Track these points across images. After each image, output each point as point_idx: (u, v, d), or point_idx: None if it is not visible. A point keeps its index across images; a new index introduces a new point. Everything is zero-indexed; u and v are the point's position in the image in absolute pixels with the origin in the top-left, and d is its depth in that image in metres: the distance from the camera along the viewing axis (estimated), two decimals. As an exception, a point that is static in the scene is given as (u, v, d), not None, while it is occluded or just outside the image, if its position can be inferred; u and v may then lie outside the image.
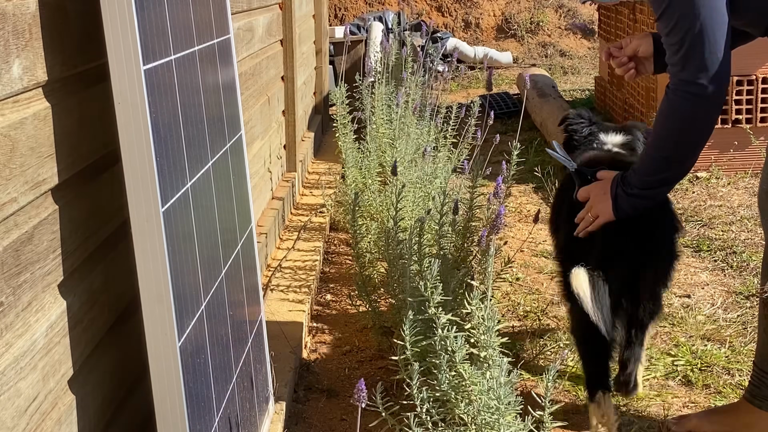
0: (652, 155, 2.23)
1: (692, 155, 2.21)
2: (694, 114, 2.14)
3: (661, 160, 2.21)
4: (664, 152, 2.20)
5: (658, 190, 2.25)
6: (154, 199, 1.52)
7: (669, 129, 2.18)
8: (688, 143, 2.18)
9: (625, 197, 2.24)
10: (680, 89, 2.12)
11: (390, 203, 3.49)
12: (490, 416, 2.00)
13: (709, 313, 3.29)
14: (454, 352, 2.04)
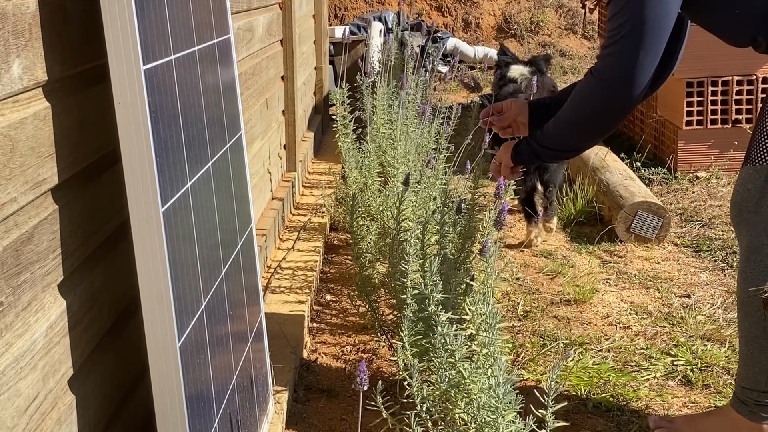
0: (558, 123, 2.29)
1: (589, 139, 2.32)
2: (602, 102, 2.19)
3: (562, 131, 2.30)
4: (567, 127, 2.28)
5: (552, 152, 2.35)
6: (154, 199, 1.52)
7: (577, 109, 2.24)
8: (588, 129, 2.26)
9: (527, 148, 2.36)
10: (600, 75, 2.16)
11: (390, 203, 3.48)
12: (489, 415, 2.00)
13: (709, 313, 3.29)
14: (454, 350, 2.04)
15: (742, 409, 2.28)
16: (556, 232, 4.30)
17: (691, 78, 4.90)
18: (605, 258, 3.94)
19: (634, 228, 4.05)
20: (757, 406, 2.26)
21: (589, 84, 2.21)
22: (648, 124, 5.47)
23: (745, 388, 2.27)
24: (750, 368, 2.25)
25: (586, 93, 2.22)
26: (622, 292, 3.53)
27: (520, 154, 2.39)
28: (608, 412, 2.60)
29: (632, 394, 2.70)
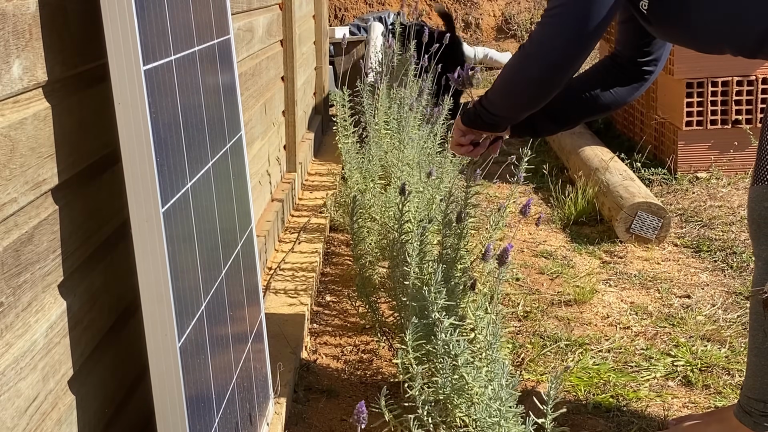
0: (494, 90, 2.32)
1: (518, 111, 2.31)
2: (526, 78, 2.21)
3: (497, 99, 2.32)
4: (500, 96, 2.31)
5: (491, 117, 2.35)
6: (154, 199, 1.52)
7: (507, 80, 2.28)
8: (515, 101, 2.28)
9: (474, 108, 2.38)
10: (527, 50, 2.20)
11: (392, 205, 3.48)
12: (491, 420, 2.00)
13: (709, 313, 3.29)
14: (457, 355, 2.04)
15: (746, 420, 2.27)
16: (556, 233, 4.30)
17: (691, 78, 4.90)
18: (605, 258, 3.94)
19: (634, 228, 4.05)
20: (762, 417, 2.23)
21: (519, 57, 2.23)
22: (648, 125, 5.47)
23: (752, 398, 2.25)
24: (757, 380, 2.24)
25: (516, 65, 2.25)
26: (622, 293, 3.53)
27: (467, 113, 2.41)
28: (608, 413, 2.60)
29: (632, 394, 2.70)
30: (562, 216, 4.45)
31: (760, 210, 2.22)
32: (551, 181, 4.77)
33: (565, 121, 2.53)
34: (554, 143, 5.70)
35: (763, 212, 2.22)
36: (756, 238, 2.26)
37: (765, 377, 2.23)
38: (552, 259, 3.92)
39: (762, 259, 2.24)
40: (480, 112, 2.37)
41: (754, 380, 2.25)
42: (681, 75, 4.88)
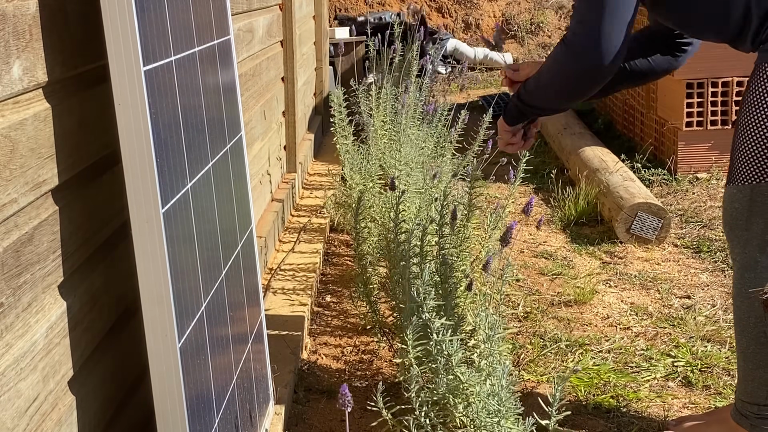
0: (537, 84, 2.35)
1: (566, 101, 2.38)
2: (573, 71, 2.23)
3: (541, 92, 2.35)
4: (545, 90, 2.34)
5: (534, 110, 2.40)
6: (154, 200, 1.52)
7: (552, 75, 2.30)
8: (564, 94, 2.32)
9: (513, 103, 2.42)
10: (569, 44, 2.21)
11: (391, 205, 3.48)
12: (489, 420, 2.00)
13: (709, 314, 3.29)
14: (450, 355, 2.04)
15: (743, 422, 2.28)
16: (557, 233, 4.30)
17: (691, 79, 4.90)
18: (605, 259, 3.94)
19: (635, 229, 4.05)
20: (758, 419, 2.25)
21: (561, 52, 2.24)
22: (648, 126, 5.47)
23: (745, 401, 2.27)
24: (748, 383, 2.25)
25: (559, 60, 2.26)
26: (623, 293, 3.53)
27: (508, 112, 2.44)
28: (608, 413, 2.60)
29: (632, 395, 2.70)
30: (562, 216, 4.45)
31: (731, 211, 2.23)
32: (551, 181, 4.77)
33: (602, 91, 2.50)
34: (554, 144, 5.70)
35: (734, 213, 2.23)
36: (729, 240, 2.27)
37: (753, 381, 2.24)
38: (552, 260, 3.92)
39: (737, 263, 2.25)
40: (523, 110, 2.40)
41: (745, 384, 2.27)
42: (681, 75, 4.88)
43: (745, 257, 2.21)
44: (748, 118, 2.18)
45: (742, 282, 2.23)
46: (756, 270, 2.19)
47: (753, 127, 2.17)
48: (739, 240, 2.23)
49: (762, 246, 2.18)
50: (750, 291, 2.22)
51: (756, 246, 2.18)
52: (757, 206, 2.17)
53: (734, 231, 2.24)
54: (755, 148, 2.17)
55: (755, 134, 2.17)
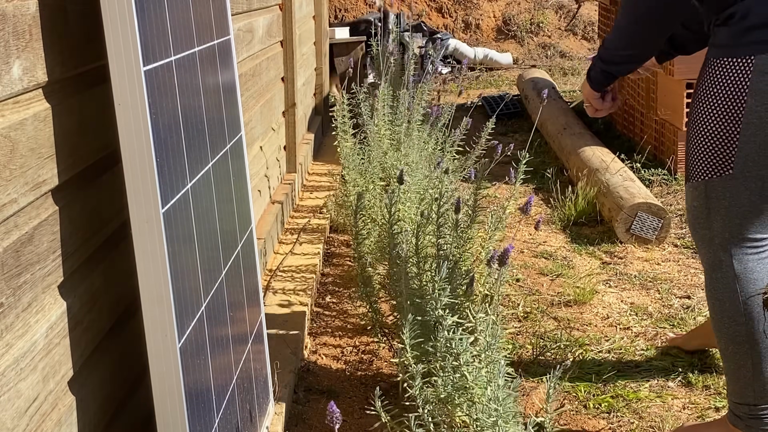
0: (613, 32, 2.33)
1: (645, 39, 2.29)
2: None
3: (619, 39, 2.32)
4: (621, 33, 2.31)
5: (617, 66, 2.38)
6: (154, 200, 1.52)
7: (626, 10, 2.26)
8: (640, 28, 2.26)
9: (597, 67, 2.40)
10: None
11: (393, 201, 3.48)
12: (490, 420, 2.00)
13: (709, 314, 3.29)
14: (459, 354, 2.04)
15: (739, 424, 2.27)
16: (557, 233, 4.30)
17: (691, 79, 4.90)
18: (605, 259, 3.94)
19: (634, 229, 4.05)
20: (752, 419, 2.25)
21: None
22: (648, 126, 5.47)
23: (736, 402, 2.27)
24: (735, 384, 2.26)
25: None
26: (623, 293, 3.53)
27: (594, 78, 2.43)
28: (608, 413, 2.60)
29: (632, 395, 2.70)
30: (562, 217, 4.45)
31: (692, 210, 2.25)
32: (551, 181, 4.77)
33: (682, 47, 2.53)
34: (554, 144, 5.71)
35: (694, 212, 2.24)
36: (695, 241, 2.29)
37: (738, 381, 2.24)
38: (552, 260, 3.92)
39: (705, 264, 2.27)
40: (608, 68, 2.38)
41: (732, 385, 2.27)
42: (681, 75, 4.88)
43: (711, 257, 2.22)
44: (698, 115, 2.19)
45: (711, 283, 2.24)
46: (722, 269, 2.20)
47: (702, 123, 2.18)
48: (703, 240, 2.23)
49: (723, 245, 2.18)
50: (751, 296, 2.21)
51: (718, 245, 2.19)
52: (713, 202, 2.17)
53: (698, 231, 2.25)
54: (705, 144, 2.17)
55: (704, 130, 2.17)
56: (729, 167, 2.13)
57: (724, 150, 2.13)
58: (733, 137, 2.11)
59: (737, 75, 2.10)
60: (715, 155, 2.15)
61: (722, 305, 2.21)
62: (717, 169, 2.15)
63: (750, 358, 2.20)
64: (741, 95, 2.09)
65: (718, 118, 2.13)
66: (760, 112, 2.07)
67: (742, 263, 2.18)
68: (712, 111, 2.15)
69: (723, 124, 2.13)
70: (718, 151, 2.14)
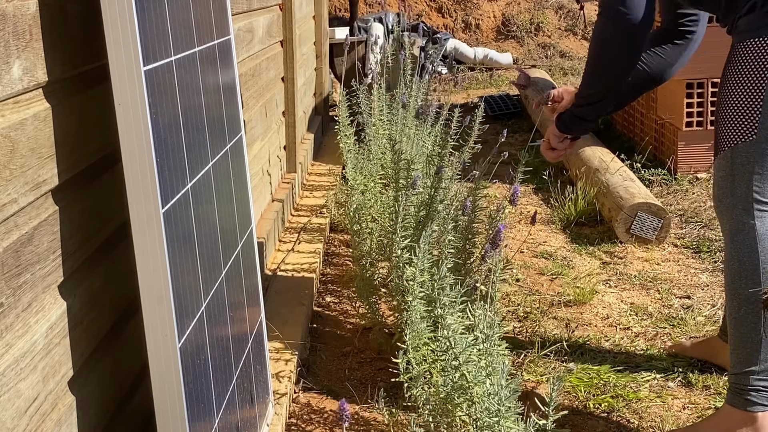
0: (583, 75, 2.60)
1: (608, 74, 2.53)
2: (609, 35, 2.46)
3: (586, 79, 2.58)
4: (588, 71, 2.57)
5: (586, 107, 2.61)
6: (154, 200, 1.52)
7: (592, 47, 2.54)
8: (604, 63, 2.51)
9: (567, 113, 2.67)
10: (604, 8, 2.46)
11: (392, 205, 3.48)
12: (491, 419, 2.00)
13: (709, 314, 3.29)
14: (458, 355, 2.03)
15: (737, 401, 2.31)
16: (556, 233, 4.30)
17: (691, 79, 4.90)
18: (605, 259, 3.94)
19: (634, 229, 4.05)
20: (753, 392, 2.29)
21: (597, 24, 2.49)
22: (648, 126, 5.47)
23: (738, 374, 2.32)
24: (742, 350, 2.32)
25: (596, 32, 2.50)
26: (622, 293, 3.53)
27: (563, 120, 2.67)
28: (608, 414, 2.60)
29: (632, 395, 2.70)
30: (562, 217, 4.45)
31: (718, 180, 2.42)
32: (551, 181, 4.77)
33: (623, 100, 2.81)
34: (554, 144, 5.70)
35: (719, 182, 2.41)
36: (719, 213, 2.45)
37: (746, 345, 2.31)
38: (552, 260, 3.92)
39: (727, 229, 2.40)
40: (577, 112, 2.63)
41: (737, 354, 2.34)
42: (681, 75, 4.86)
43: (734, 221, 2.36)
44: (725, 92, 2.41)
45: (733, 245, 2.35)
46: (744, 231, 2.33)
47: (729, 98, 2.39)
48: (726, 208, 2.38)
49: (747, 208, 2.33)
50: (750, 291, 2.30)
51: (742, 209, 2.34)
52: (738, 168, 2.34)
53: (722, 201, 2.39)
54: (731, 115, 2.37)
55: (731, 104, 2.38)
56: (753, 133, 2.31)
57: (748, 118, 2.32)
58: (757, 106, 2.31)
59: (761, 53, 2.32)
60: (740, 124, 2.34)
61: (742, 265, 2.32)
62: (742, 136, 2.33)
63: (762, 319, 2.28)
64: (764, 70, 2.31)
65: (743, 91, 2.35)
66: None
67: (764, 224, 2.31)
68: (737, 86, 2.36)
69: (747, 96, 2.34)
70: (743, 119, 2.33)
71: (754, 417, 2.28)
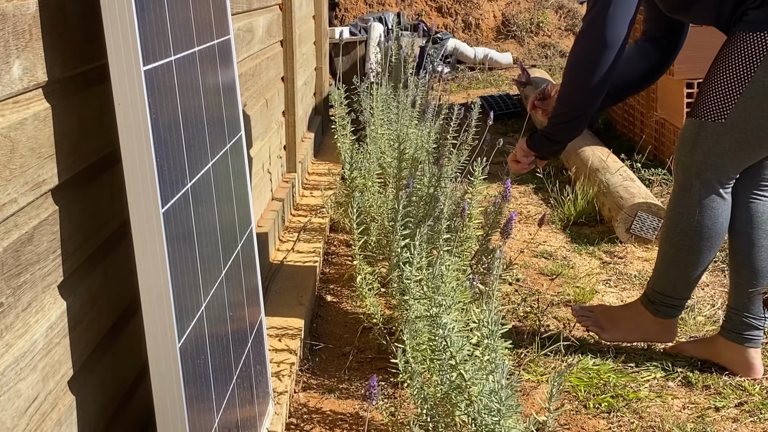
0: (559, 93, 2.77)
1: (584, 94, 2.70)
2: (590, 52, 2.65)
3: (560, 97, 2.77)
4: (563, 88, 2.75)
5: (559, 127, 2.79)
6: (154, 199, 1.52)
7: (571, 65, 2.73)
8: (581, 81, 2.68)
9: (539, 134, 2.84)
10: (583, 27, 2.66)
11: (390, 204, 3.48)
12: (490, 418, 2.00)
13: (709, 313, 3.29)
14: (455, 354, 2.04)
15: (649, 306, 2.91)
16: (556, 233, 4.30)
17: (691, 79, 4.90)
18: (605, 259, 3.94)
19: (634, 229, 4.05)
20: (662, 306, 2.89)
21: (576, 41, 2.71)
22: (648, 125, 5.47)
23: (656, 291, 2.88)
24: (660, 277, 2.86)
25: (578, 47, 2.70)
26: (622, 293, 3.53)
27: (533, 139, 2.85)
28: (608, 413, 2.60)
29: (632, 394, 2.70)
30: (562, 216, 4.45)
31: (682, 137, 2.75)
32: (551, 181, 4.77)
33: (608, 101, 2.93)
34: (554, 143, 5.70)
35: (683, 140, 2.74)
36: (675, 163, 2.80)
37: (664, 275, 2.85)
38: (552, 260, 3.92)
39: (677, 183, 2.78)
40: (547, 132, 2.80)
41: (658, 277, 2.88)
42: (681, 75, 4.88)
43: (684, 180, 2.74)
44: (713, 69, 2.70)
45: (677, 200, 2.77)
46: (690, 192, 2.73)
47: (717, 76, 2.67)
48: (683, 165, 2.75)
49: (698, 174, 2.71)
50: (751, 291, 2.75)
51: (694, 172, 2.71)
52: (701, 140, 2.69)
53: (680, 156, 2.76)
54: (712, 94, 2.66)
55: (715, 84, 2.66)
56: (724, 116, 2.64)
57: (724, 102, 2.63)
58: (736, 93, 2.62)
59: (756, 48, 2.58)
60: (716, 103, 2.65)
61: (680, 218, 2.76)
62: (713, 115, 2.66)
63: (683, 263, 2.80)
64: (753, 66, 2.59)
65: (729, 76, 2.63)
66: (764, 83, 2.58)
67: (708, 193, 2.71)
68: (726, 69, 2.64)
69: (732, 82, 2.63)
70: (720, 101, 2.64)
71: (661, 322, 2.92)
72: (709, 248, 2.76)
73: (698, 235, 2.74)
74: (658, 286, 2.88)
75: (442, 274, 2.12)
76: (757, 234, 2.75)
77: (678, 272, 2.82)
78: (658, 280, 2.88)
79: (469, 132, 3.59)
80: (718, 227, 2.74)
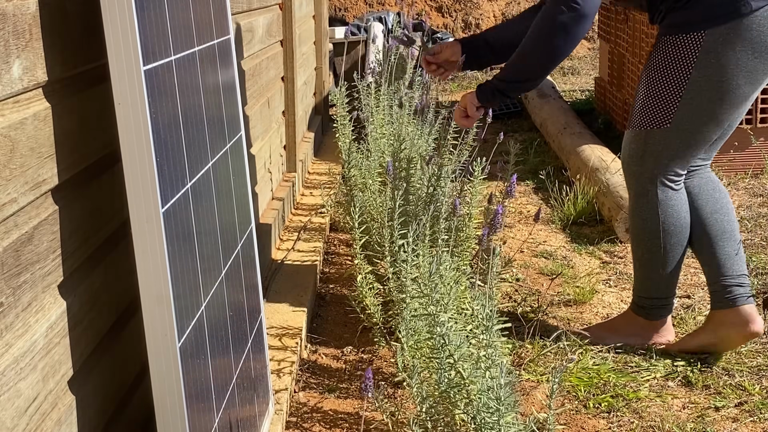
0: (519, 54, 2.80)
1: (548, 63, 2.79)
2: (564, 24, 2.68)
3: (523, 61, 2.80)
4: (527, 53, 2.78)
5: (513, 85, 2.85)
6: (154, 199, 1.52)
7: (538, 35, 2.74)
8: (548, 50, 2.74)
9: (491, 85, 2.87)
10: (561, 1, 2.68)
11: (390, 203, 3.47)
12: (489, 417, 2.00)
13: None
14: (453, 352, 2.03)
15: (641, 312, 2.99)
16: (556, 233, 4.30)
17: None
18: (605, 258, 3.94)
19: (634, 229, 4.05)
20: (653, 309, 2.97)
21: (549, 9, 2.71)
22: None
23: (642, 296, 2.97)
24: (644, 283, 2.95)
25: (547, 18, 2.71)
26: (622, 293, 3.53)
27: (483, 92, 2.89)
28: (608, 413, 2.60)
29: (632, 394, 2.70)
30: (561, 216, 4.45)
31: (629, 150, 2.86)
32: (551, 181, 4.77)
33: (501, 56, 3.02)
34: (554, 143, 5.70)
35: (631, 152, 2.85)
36: (626, 174, 2.92)
37: (647, 280, 2.94)
38: (552, 260, 3.92)
39: (632, 191, 2.88)
40: (501, 87, 2.83)
41: (641, 283, 2.97)
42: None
43: (639, 187, 2.85)
44: (649, 80, 2.78)
45: (637, 207, 2.87)
46: (647, 197, 2.83)
47: (651, 86, 2.77)
48: (634, 174, 2.86)
49: (651, 179, 2.82)
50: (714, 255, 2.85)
51: (647, 179, 2.82)
52: (650, 148, 2.80)
53: (630, 167, 2.87)
54: (652, 102, 2.77)
55: (653, 92, 2.76)
56: (668, 122, 2.75)
57: (666, 108, 2.75)
58: (676, 98, 2.73)
59: (687, 50, 2.68)
60: (658, 111, 2.76)
61: (645, 224, 2.87)
62: (658, 122, 2.78)
63: (660, 263, 2.89)
64: (688, 68, 2.69)
65: (666, 82, 2.74)
66: (701, 83, 2.69)
67: (664, 192, 2.82)
68: (662, 76, 2.75)
69: (669, 87, 2.73)
70: (661, 108, 2.75)
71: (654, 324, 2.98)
72: (680, 243, 2.87)
73: (667, 234, 2.84)
74: (642, 292, 2.97)
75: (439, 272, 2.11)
76: (698, 205, 2.86)
77: (657, 273, 2.91)
78: (641, 285, 2.97)
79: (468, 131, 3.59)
80: (682, 221, 2.84)
